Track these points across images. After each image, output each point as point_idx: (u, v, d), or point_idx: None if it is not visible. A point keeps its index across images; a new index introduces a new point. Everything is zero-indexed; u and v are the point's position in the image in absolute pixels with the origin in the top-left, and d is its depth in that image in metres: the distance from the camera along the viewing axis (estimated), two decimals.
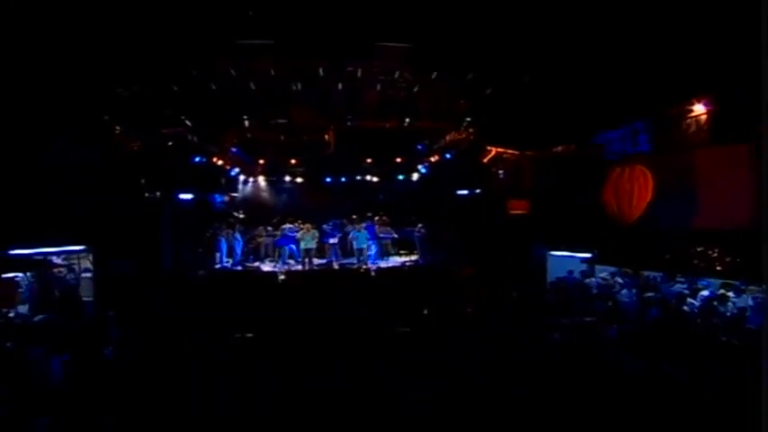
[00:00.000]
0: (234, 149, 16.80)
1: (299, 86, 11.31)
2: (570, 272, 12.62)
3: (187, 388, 6.93)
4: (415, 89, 11.09)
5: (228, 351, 8.62)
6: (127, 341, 8.82)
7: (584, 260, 12.87)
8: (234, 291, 11.60)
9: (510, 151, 14.65)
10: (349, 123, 12.88)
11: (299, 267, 15.42)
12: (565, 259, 13.27)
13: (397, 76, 10.43)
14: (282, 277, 12.92)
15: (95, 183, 12.22)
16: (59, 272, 12.94)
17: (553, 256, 13.87)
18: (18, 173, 11.27)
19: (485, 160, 14.74)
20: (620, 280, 11.58)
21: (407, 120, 12.08)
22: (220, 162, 16.07)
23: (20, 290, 11.33)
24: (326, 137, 14.27)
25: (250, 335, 9.38)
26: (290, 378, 6.78)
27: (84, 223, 12.12)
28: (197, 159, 14.37)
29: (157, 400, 6.54)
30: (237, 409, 6.23)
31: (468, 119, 12.57)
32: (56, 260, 13.03)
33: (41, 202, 11.51)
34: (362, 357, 7.47)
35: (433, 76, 10.47)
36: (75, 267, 13.40)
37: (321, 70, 10.38)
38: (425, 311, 9.38)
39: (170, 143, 12.16)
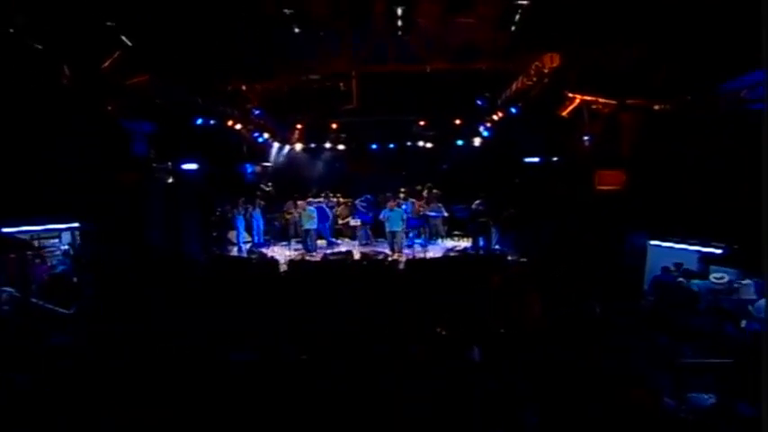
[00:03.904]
0: (256, 111, 14.35)
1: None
2: (665, 268, 8.92)
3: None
4: None
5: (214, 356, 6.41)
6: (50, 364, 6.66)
7: (705, 256, 9.07)
8: (223, 285, 9.22)
9: (602, 101, 10.41)
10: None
11: (316, 253, 13.10)
12: (674, 253, 9.39)
13: None
14: (284, 269, 10.35)
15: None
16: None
17: (656, 247, 9.94)
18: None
19: (564, 113, 10.69)
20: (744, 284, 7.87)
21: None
22: (238, 126, 13.62)
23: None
24: (342, 85, 11.03)
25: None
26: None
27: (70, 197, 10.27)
28: (199, 122, 11.94)
29: None
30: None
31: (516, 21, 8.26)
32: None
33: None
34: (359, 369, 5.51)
35: None
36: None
37: None
38: (439, 330, 6.18)
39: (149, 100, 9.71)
